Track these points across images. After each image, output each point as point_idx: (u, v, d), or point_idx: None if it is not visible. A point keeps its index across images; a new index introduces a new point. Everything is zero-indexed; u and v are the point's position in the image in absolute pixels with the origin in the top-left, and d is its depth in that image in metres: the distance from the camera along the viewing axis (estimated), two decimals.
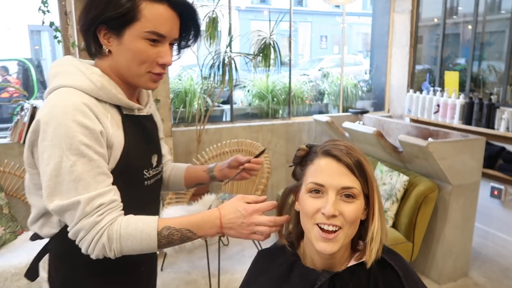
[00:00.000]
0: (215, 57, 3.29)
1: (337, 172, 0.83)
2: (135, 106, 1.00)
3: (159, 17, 0.91)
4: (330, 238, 0.81)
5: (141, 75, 0.95)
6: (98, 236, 0.86)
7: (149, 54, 0.92)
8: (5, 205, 2.50)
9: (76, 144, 0.83)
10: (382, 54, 4.38)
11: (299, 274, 0.87)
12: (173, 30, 0.95)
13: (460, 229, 2.65)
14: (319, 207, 0.82)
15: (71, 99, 0.86)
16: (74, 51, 2.99)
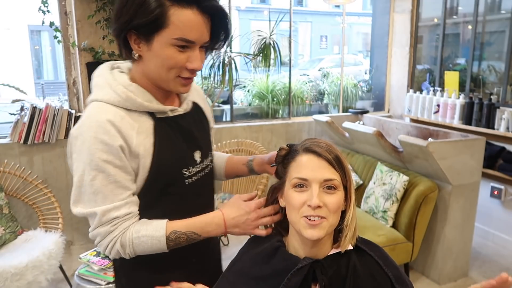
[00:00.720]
0: (215, 57, 3.29)
1: (319, 166, 0.90)
2: (167, 108, 1.01)
3: (187, 23, 0.90)
4: (316, 224, 0.87)
5: (170, 80, 0.96)
6: (112, 243, 0.94)
7: (177, 60, 0.93)
8: (5, 205, 2.50)
9: (96, 161, 0.90)
10: (382, 54, 4.38)
11: (281, 258, 0.93)
12: (203, 34, 0.94)
13: (460, 229, 2.65)
14: (304, 200, 0.88)
15: (96, 117, 0.93)
16: (74, 51, 3.00)
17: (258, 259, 0.95)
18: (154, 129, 0.98)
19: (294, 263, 0.91)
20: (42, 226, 2.57)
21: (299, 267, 0.90)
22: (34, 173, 2.80)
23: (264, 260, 0.94)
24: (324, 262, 0.92)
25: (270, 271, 0.92)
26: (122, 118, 0.94)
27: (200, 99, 1.16)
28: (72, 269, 2.69)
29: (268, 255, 0.94)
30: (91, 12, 2.58)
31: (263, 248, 0.96)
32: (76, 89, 3.13)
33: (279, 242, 0.97)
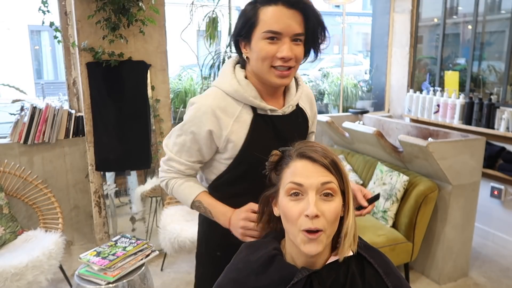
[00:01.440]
0: (215, 57, 3.29)
1: (314, 171, 0.85)
2: (267, 107, 1.15)
3: (272, 17, 1.03)
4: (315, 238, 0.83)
5: (266, 72, 1.09)
6: (162, 179, 1.28)
7: (268, 51, 1.05)
8: (5, 205, 2.49)
9: (186, 127, 1.16)
10: (382, 54, 4.38)
11: (278, 267, 0.89)
12: (290, 26, 1.04)
13: (460, 229, 2.65)
14: (301, 210, 0.84)
15: (208, 99, 1.14)
16: (74, 51, 2.99)
17: (254, 268, 0.90)
18: (252, 122, 1.14)
19: (292, 274, 0.87)
20: (42, 226, 2.57)
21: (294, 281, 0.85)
22: (34, 173, 2.80)
23: (260, 269, 0.89)
24: (322, 272, 0.88)
25: (266, 282, 0.88)
26: (226, 106, 1.13)
27: (308, 105, 1.30)
28: (72, 269, 2.69)
29: (264, 264, 0.90)
30: (91, 12, 2.58)
31: (259, 256, 0.92)
32: (76, 89, 3.13)
33: (275, 250, 0.92)
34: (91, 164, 2.85)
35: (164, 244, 2.53)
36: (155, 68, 2.91)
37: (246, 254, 0.95)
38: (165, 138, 1.27)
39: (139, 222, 3.07)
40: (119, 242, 2.12)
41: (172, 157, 1.21)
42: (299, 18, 1.05)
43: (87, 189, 3.10)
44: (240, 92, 1.12)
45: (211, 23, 3.25)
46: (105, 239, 2.95)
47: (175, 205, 2.82)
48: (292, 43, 1.06)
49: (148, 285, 2.02)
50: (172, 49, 3.07)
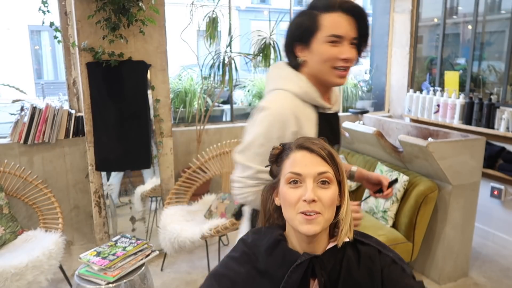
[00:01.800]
0: (215, 57, 3.29)
1: (312, 161, 0.92)
2: (326, 106, 1.26)
3: (334, 23, 1.15)
4: (312, 219, 0.89)
5: (327, 72, 1.19)
6: (247, 194, 1.22)
7: (331, 53, 1.16)
8: (5, 205, 2.49)
9: (270, 134, 1.15)
10: (382, 54, 4.38)
11: (282, 252, 0.94)
12: (349, 31, 1.16)
13: (460, 229, 2.65)
14: (299, 196, 0.90)
15: (284, 102, 1.18)
16: (74, 51, 2.99)
17: (261, 251, 0.96)
18: (317, 120, 1.23)
19: (294, 258, 0.92)
20: (42, 226, 2.57)
21: (298, 263, 0.91)
22: (34, 173, 2.80)
23: (267, 252, 0.95)
24: (323, 258, 0.93)
25: (271, 264, 0.93)
26: (299, 107, 1.20)
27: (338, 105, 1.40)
28: (72, 269, 2.69)
29: (270, 247, 0.95)
30: (91, 12, 2.58)
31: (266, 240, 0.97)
32: (76, 89, 3.13)
33: (281, 236, 0.98)
34: (91, 164, 2.85)
35: (164, 244, 2.53)
36: (155, 68, 2.91)
37: (253, 239, 1.00)
38: (236, 155, 1.23)
39: (139, 222, 3.07)
40: (119, 242, 2.12)
41: (260, 169, 1.17)
42: (354, 23, 1.18)
43: (87, 189, 3.10)
44: (309, 93, 1.21)
45: (211, 23, 3.25)
46: (105, 239, 2.95)
47: (175, 205, 2.83)
48: (350, 46, 1.18)
49: (148, 285, 2.02)
50: (172, 49, 3.08)
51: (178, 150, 3.46)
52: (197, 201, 2.97)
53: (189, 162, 3.13)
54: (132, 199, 3.06)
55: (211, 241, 2.92)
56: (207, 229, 2.39)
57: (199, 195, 3.03)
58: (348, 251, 0.95)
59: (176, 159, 3.34)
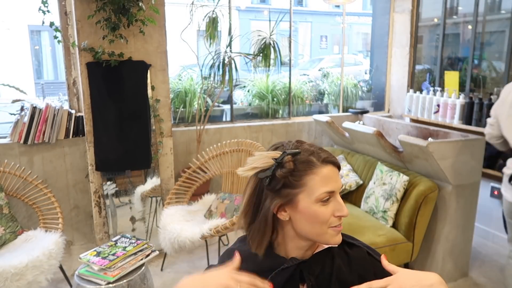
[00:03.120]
0: (215, 57, 3.29)
1: (337, 175, 0.92)
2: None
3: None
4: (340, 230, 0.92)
5: None
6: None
7: None
8: (5, 205, 2.49)
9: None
10: (382, 54, 4.38)
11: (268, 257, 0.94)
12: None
13: (460, 229, 2.65)
14: (332, 212, 0.90)
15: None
16: (74, 51, 3.00)
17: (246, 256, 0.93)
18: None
19: (280, 263, 0.92)
20: (42, 226, 2.57)
21: (284, 267, 0.91)
22: (34, 173, 2.80)
23: (251, 257, 0.94)
24: (311, 262, 0.93)
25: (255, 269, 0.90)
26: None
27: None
28: (72, 269, 2.69)
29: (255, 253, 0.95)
30: (91, 12, 2.58)
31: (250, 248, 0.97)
32: (76, 89, 3.13)
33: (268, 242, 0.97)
34: (91, 164, 2.85)
35: (164, 244, 2.53)
36: (155, 68, 2.92)
37: (240, 246, 1.00)
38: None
39: (139, 222, 3.07)
40: (119, 242, 2.12)
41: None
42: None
43: (87, 189, 3.10)
44: None
45: (211, 23, 3.25)
46: (105, 239, 2.95)
47: (175, 205, 2.82)
48: None
49: (148, 285, 2.02)
50: (172, 49, 3.08)
51: (178, 150, 3.46)
52: (197, 201, 2.97)
53: (189, 162, 3.13)
54: (132, 199, 3.06)
55: (211, 241, 2.92)
56: (207, 229, 2.39)
57: (199, 195, 3.03)
58: (336, 254, 0.96)
59: (176, 159, 3.34)
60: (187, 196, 2.95)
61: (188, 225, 2.54)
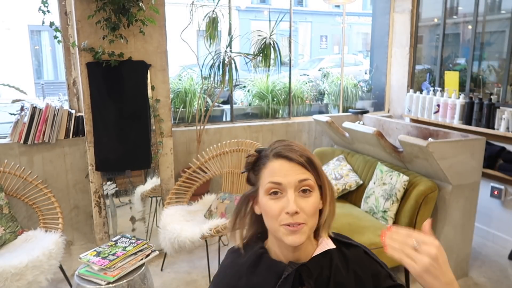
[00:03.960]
0: (215, 57, 3.29)
1: (291, 170, 0.89)
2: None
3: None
4: (297, 230, 0.87)
5: None
6: None
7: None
8: (5, 205, 2.49)
9: None
10: (382, 54, 4.38)
11: (267, 265, 0.93)
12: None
13: (460, 229, 2.65)
14: (281, 208, 0.87)
15: None
16: (74, 51, 3.00)
17: (243, 270, 0.93)
18: None
19: (280, 269, 0.91)
20: (42, 226, 2.57)
21: (285, 275, 0.89)
22: (34, 173, 2.80)
23: (250, 270, 0.93)
24: (309, 265, 0.92)
25: (257, 281, 0.91)
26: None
27: None
28: (72, 269, 2.69)
29: (253, 263, 0.93)
30: (91, 12, 2.58)
31: (247, 258, 0.95)
32: (76, 89, 3.13)
33: (262, 249, 0.96)
34: (91, 164, 2.85)
35: (164, 244, 2.53)
36: (155, 68, 2.92)
37: (233, 258, 0.98)
38: None
39: (139, 222, 3.07)
40: (119, 242, 2.12)
41: None
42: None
43: (87, 189, 3.10)
44: None
45: (211, 23, 3.25)
46: (105, 239, 2.95)
47: (175, 205, 2.83)
48: None
49: (148, 285, 2.02)
50: (172, 49, 3.08)
51: (178, 150, 3.46)
52: (197, 201, 2.97)
53: (189, 162, 3.13)
54: (132, 199, 3.06)
55: (211, 241, 2.92)
56: (207, 229, 2.39)
57: (199, 195, 3.03)
58: (334, 256, 0.94)
59: (176, 159, 3.34)
60: (187, 196, 2.95)
61: (188, 225, 2.54)
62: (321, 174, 0.92)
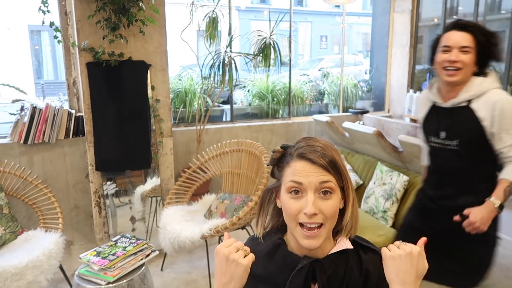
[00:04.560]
0: (215, 57, 3.29)
1: (313, 171, 0.89)
2: (436, 100, 1.74)
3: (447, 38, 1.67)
4: (313, 236, 0.88)
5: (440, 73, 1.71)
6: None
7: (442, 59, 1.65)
8: (5, 205, 2.49)
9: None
10: (382, 54, 4.38)
11: (283, 255, 0.94)
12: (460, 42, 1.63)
13: None
14: (300, 208, 0.89)
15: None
16: (74, 51, 3.00)
17: (260, 257, 0.95)
18: (429, 109, 1.79)
19: (295, 261, 0.92)
20: (42, 226, 2.57)
21: (299, 267, 0.90)
22: (34, 173, 2.79)
23: (266, 258, 0.95)
24: (324, 262, 0.92)
25: (272, 269, 0.93)
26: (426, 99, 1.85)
27: (487, 109, 1.60)
28: (72, 269, 2.69)
29: (270, 252, 0.95)
30: (91, 12, 2.58)
31: (265, 246, 0.97)
32: (76, 89, 3.13)
33: (280, 240, 0.98)
34: (91, 164, 2.85)
35: (164, 244, 2.53)
36: (155, 68, 2.92)
37: (252, 245, 1.00)
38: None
39: (139, 222, 3.07)
40: (119, 242, 2.12)
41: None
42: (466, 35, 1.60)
43: (87, 189, 3.10)
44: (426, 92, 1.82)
45: (211, 23, 3.25)
46: (105, 239, 2.95)
47: (175, 205, 2.82)
48: (459, 52, 1.57)
49: (148, 285, 2.02)
50: (172, 49, 3.08)
51: (178, 150, 3.46)
52: (197, 201, 2.97)
53: (189, 162, 3.13)
54: (132, 199, 3.06)
55: (211, 241, 2.92)
56: (207, 229, 2.39)
57: (199, 195, 3.03)
58: (350, 257, 0.94)
59: (176, 159, 3.34)
60: (187, 196, 2.95)
61: (188, 225, 2.54)
62: (344, 176, 0.92)
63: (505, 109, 1.59)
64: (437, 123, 1.72)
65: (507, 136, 1.61)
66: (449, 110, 1.67)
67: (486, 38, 1.58)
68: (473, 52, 1.57)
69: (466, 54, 1.56)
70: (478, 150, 1.68)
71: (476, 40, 1.57)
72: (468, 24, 1.57)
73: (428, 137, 1.79)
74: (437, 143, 1.74)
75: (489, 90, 1.62)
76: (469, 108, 1.63)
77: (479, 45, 1.58)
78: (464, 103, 1.63)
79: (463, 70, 1.57)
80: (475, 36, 1.57)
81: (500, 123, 1.60)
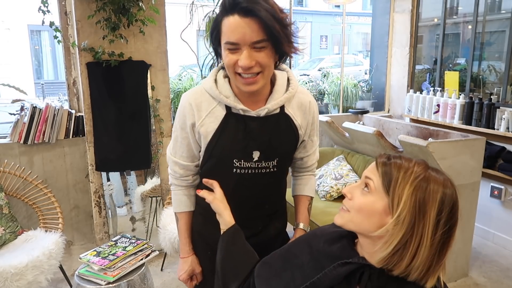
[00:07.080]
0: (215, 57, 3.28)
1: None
2: (238, 107, 1.18)
3: (229, 28, 1.07)
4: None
5: (233, 78, 1.15)
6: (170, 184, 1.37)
7: (228, 60, 1.10)
8: (5, 205, 2.49)
9: (176, 123, 1.27)
10: (382, 54, 4.38)
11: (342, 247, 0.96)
12: (246, 34, 1.06)
13: (460, 229, 2.63)
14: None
15: (187, 94, 1.25)
16: (74, 51, 3.00)
17: (327, 238, 0.99)
18: (223, 118, 1.19)
19: (350, 257, 0.92)
20: (42, 226, 2.57)
21: (348, 260, 0.90)
22: (34, 173, 2.80)
23: (329, 241, 0.97)
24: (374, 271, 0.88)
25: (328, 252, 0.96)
26: (202, 101, 1.21)
27: (300, 113, 1.27)
28: (72, 269, 2.69)
29: (335, 238, 0.97)
30: (91, 12, 2.58)
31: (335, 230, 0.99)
32: (76, 89, 3.13)
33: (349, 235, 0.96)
34: (91, 164, 2.85)
35: (164, 244, 2.53)
36: (155, 68, 2.92)
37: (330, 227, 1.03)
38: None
39: (139, 222, 3.07)
40: (119, 242, 2.12)
41: (170, 158, 1.31)
42: (256, 25, 1.04)
43: (87, 189, 3.10)
44: (213, 90, 1.20)
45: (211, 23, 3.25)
46: (105, 239, 2.95)
47: None
48: (252, 51, 1.07)
49: (148, 285, 2.02)
50: (172, 49, 3.07)
51: None
52: None
53: None
54: (132, 199, 3.06)
55: None
56: None
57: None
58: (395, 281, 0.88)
59: None
60: None
61: None
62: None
63: (316, 113, 1.32)
64: (244, 140, 1.20)
65: (311, 143, 1.35)
66: (261, 120, 1.20)
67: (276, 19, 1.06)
68: (269, 46, 1.09)
69: (261, 51, 1.07)
70: (286, 167, 1.34)
71: (268, 27, 1.05)
72: (253, 5, 1.03)
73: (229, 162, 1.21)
74: (247, 168, 1.22)
75: (297, 90, 1.26)
76: (285, 115, 1.23)
77: (273, 34, 1.06)
78: (277, 110, 1.21)
79: (264, 72, 1.11)
80: (265, 21, 1.03)
81: (311, 130, 1.32)
